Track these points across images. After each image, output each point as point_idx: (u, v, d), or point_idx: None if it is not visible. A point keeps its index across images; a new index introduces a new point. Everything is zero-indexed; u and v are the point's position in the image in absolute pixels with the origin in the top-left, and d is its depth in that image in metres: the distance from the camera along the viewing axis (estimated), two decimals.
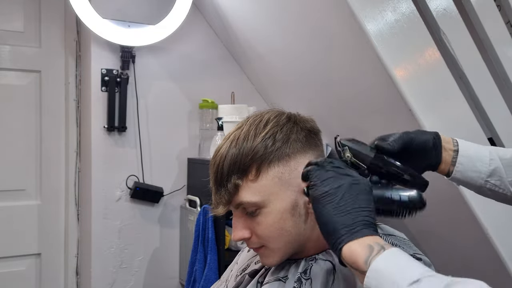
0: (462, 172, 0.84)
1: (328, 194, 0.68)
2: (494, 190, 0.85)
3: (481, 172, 0.84)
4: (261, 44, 2.02)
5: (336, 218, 0.66)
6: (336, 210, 0.66)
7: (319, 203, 0.68)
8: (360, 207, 0.67)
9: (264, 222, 0.79)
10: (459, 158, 0.83)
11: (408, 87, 1.41)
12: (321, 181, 0.69)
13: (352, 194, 0.68)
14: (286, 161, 0.79)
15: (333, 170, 0.70)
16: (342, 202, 0.67)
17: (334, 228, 0.65)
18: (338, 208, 0.67)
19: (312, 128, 0.84)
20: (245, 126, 0.81)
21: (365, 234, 0.64)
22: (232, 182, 0.78)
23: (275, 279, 0.82)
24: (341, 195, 0.67)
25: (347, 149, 0.79)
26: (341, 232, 0.65)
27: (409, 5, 1.43)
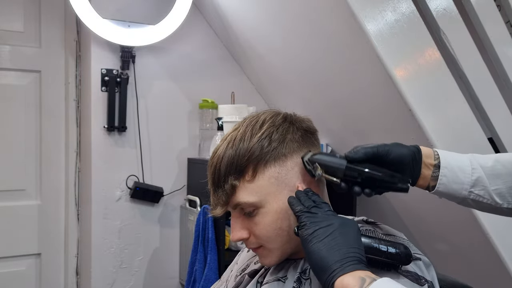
0: (446, 184, 0.81)
1: (319, 232, 0.70)
2: (478, 201, 0.83)
3: (464, 183, 0.82)
4: (261, 44, 2.02)
5: (327, 254, 0.67)
6: (327, 247, 0.68)
7: (310, 241, 0.70)
8: (350, 245, 0.68)
9: (262, 222, 0.79)
10: (442, 171, 0.81)
11: (408, 87, 1.41)
12: (310, 222, 0.71)
13: (342, 233, 0.70)
14: (283, 161, 0.79)
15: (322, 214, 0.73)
16: (333, 240, 0.69)
17: (325, 264, 0.67)
18: (329, 245, 0.68)
19: (309, 128, 0.84)
20: (242, 127, 0.81)
21: (356, 269, 0.65)
22: (229, 183, 0.78)
23: (274, 279, 0.82)
24: (331, 232, 0.69)
25: (317, 166, 0.78)
26: (332, 267, 0.66)
27: (409, 5, 1.43)
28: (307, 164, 0.79)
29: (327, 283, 0.66)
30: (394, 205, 1.90)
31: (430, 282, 0.81)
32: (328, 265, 0.66)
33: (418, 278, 0.80)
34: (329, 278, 0.66)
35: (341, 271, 0.65)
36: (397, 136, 1.59)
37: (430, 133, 1.42)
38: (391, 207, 1.91)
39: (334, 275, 0.65)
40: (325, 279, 0.66)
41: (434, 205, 1.56)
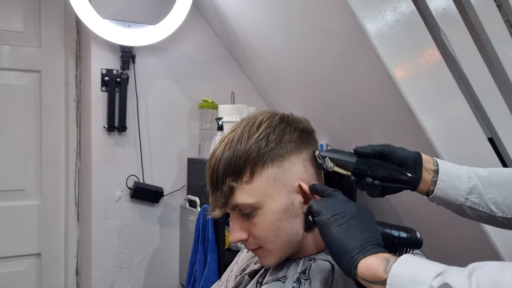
0: (444, 189, 0.83)
1: (337, 218, 0.70)
2: (474, 208, 0.85)
3: (461, 190, 0.84)
4: (261, 44, 2.02)
5: (347, 239, 0.67)
6: (346, 232, 0.68)
7: (329, 226, 0.70)
8: (369, 230, 0.69)
9: (260, 223, 0.79)
10: (440, 176, 0.83)
11: (408, 87, 1.41)
12: (326, 208, 0.72)
13: (359, 219, 0.70)
14: (280, 162, 0.79)
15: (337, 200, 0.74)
16: (351, 225, 0.69)
17: (346, 248, 0.67)
18: (348, 230, 0.68)
19: (306, 128, 0.84)
20: (239, 129, 0.81)
21: (379, 251, 0.66)
22: (227, 185, 0.78)
23: (274, 279, 0.82)
24: (349, 218, 0.70)
25: (328, 159, 0.79)
26: (354, 251, 0.66)
27: (409, 5, 1.43)
28: (318, 158, 0.81)
29: (350, 266, 0.66)
30: (394, 205, 1.90)
31: None
32: (349, 249, 0.66)
33: None
34: (352, 260, 0.66)
35: (363, 253, 0.65)
36: (397, 136, 1.59)
37: (430, 133, 1.42)
38: (391, 207, 1.91)
39: (357, 257, 0.65)
40: (347, 262, 0.66)
41: (434, 205, 1.56)
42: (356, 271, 0.65)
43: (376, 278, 0.63)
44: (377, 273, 0.63)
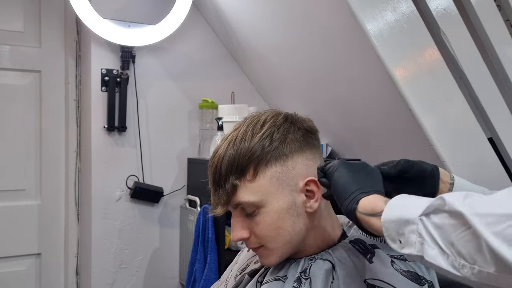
0: None
1: (347, 165, 0.74)
2: None
3: None
4: (261, 44, 2.02)
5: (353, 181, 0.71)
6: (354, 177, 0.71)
7: (338, 170, 0.73)
8: (375, 182, 0.72)
9: (263, 222, 0.79)
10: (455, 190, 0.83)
11: (408, 87, 1.41)
12: (338, 163, 0.75)
13: (368, 171, 0.74)
14: (284, 161, 0.79)
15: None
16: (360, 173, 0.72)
17: (351, 188, 0.70)
18: (355, 176, 0.72)
19: (310, 128, 0.84)
20: (243, 127, 0.81)
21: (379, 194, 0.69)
22: (230, 183, 0.78)
23: (274, 278, 0.82)
24: (358, 169, 0.74)
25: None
26: (358, 191, 0.69)
27: (409, 5, 1.43)
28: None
29: (352, 202, 0.68)
30: None
31: (430, 282, 0.82)
32: (354, 189, 0.70)
33: (418, 278, 0.80)
34: (355, 197, 0.68)
35: (366, 193, 0.68)
36: (397, 136, 1.59)
37: (430, 133, 1.42)
38: None
39: (360, 195, 0.68)
40: (350, 199, 0.69)
41: None
42: (356, 206, 0.67)
43: (375, 210, 0.65)
44: (378, 206, 0.65)
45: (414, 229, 0.58)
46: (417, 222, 0.58)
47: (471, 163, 1.46)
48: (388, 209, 0.63)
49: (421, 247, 0.57)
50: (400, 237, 0.60)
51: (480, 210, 0.53)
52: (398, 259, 0.82)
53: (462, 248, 0.53)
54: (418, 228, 0.58)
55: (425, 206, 0.58)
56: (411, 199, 0.63)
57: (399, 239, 0.60)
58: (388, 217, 0.62)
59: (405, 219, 0.60)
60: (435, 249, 0.56)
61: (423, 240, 0.57)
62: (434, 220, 0.57)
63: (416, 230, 0.58)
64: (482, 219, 0.52)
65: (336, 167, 0.74)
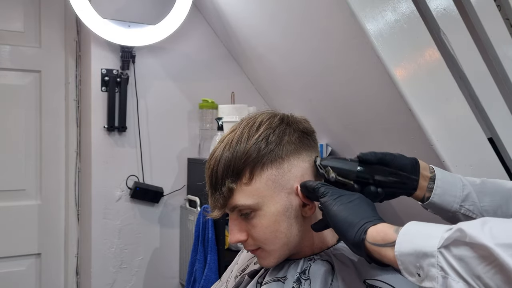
0: (440, 195, 0.83)
1: (343, 198, 0.72)
2: (468, 216, 0.85)
3: (456, 196, 0.84)
4: (261, 44, 2.02)
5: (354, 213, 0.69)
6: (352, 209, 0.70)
7: (335, 204, 0.72)
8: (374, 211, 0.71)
9: (259, 224, 0.79)
10: (437, 182, 0.83)
11: (408, 87, 1.41)
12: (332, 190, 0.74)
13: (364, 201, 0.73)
14: (280, 163, 0.79)
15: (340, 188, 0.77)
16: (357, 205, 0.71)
17: (354, 220, 0.68)
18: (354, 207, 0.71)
19: (306, 129, 0.84)
20: (239, 129, 0.81)
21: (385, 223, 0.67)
22: (226, 186, 0.78)
23: (274, 279, 0.82)
24: (354, 199, 0.72)
25: (330, 169, 0.79)
26: (363, 221, 0.68)
27: (409, 5, 1.43)
28: (319, 168, 0.80)
29: (359, 233, 0.66)
30: (394, 206, 1.90)
31: None
32: (357, 220, 0.68)
33: None
34: (361, 228, 0.66)
35: (373, 222, 0.67)
36: (397, 136, 1.59)
37: (430, 133, 1.42)
38: (392, 207, 1.91)
39: (367, 225, 0.66)
40: (356, 230, 0.67)
41: None
42: (365, 236, 0.65)
43: (386, 240, 0.63)
44: (388, 235, 0.63)
45: (434, 263, 0.56)
46: (436, 255, 0.56)
47: (471, 163, 1.46)
48: (401, 240, 0.61)
49: (443, 281, 0.56)
50: (419, 270, 0.58)
51: (503, 239, 0.52)
52: None
53: (490, 281, 0.52)
54: (438, 261, 0.56)
55: (441, 237, 0.57)
56: (424, 228, 0.61)
57: (417, 272, 0.58)
58: (403, 250, 0.60)
59: (422, 252, 0.57)
60: (460, 283, 0.55)
61: (446, 274, 0.55)
62: (455, 252, 0.55)
63: (436, 264, 0.56)
64: (507, 251, 0.51)
65: (333, 201, 0.72)
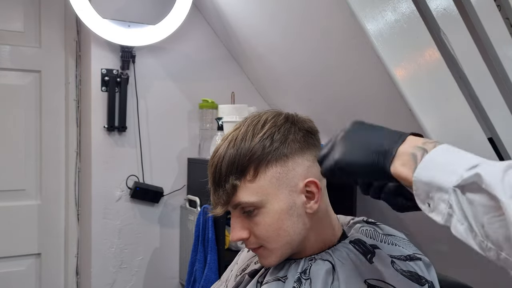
0: None
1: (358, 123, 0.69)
2: None
3: None
4: (261, 44, 2.02)
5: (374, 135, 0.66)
6: (370, 131, 0.67)
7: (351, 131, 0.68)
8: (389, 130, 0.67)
9: (262, 222, 0.79)
10: None
11: (408, 87, 1.41)
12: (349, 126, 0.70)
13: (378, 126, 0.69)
14: (284, 162, 0.79)
15: None
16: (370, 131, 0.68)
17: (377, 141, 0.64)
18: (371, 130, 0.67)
19: (310, 128, 0.84)
20: (243, 127, 0.81)
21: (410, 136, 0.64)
22: (230, 183, 0.78)
23: (274, 279, 0.82)
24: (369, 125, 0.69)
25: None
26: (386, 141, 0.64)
27: (409, 5, 1.43)
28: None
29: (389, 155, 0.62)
30: None
31: (431, 282, 0.81)
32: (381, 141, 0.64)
33: (418, 278, 0.80)
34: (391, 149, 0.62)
35: (397, 142, 0.63)
36: None
37: (430, 133, 1.42)
38: None
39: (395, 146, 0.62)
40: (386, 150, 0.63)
41: None
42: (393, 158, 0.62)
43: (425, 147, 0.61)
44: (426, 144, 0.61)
45: (445, 198, 0.56)
46: (450, 192, 0.55)
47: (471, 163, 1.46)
48: (423, 166, 0.59)
49: (449, 218, 0.56)
50: (429, 200, 0.58)
51: None
52: (399, 259, 0.82)
53: (492, 233, 0.52)
54: (449, 199, 0.55)
55: (460, 176, 0.55)
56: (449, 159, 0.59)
57: (428, 202, 0.58)
58: (420, 177, 0.58)
59: (437, 185, 0.56)
60: (464, 224, 0.54)
61: (453, 212, 0.55)
62: (468, 195, 0.54)
63: (447, 200, 0.56)
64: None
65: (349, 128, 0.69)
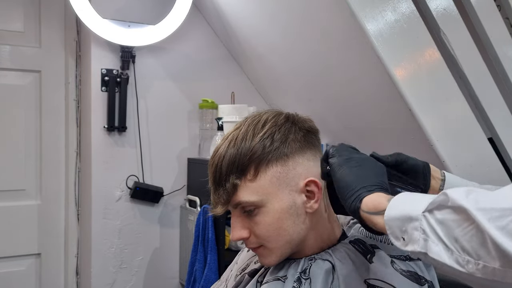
0: None
1: (350, 160, 0.72)
2: None
3: None
4: (261, 44, 2.02)
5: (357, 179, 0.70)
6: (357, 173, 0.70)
7: (342, 166, 0.72)
8: (378, 176, 0.71)
9: (263, 221, 0.79)
10: (446, 186, 0.83)
11: (408, 87, 1.41)
12: (341, 152, 0.74)
13: (371, 165, 0.72)
14: (284, 161, 0.79)
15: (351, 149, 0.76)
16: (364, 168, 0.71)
17: (355, 187, 0.69)
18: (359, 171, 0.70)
19: (310, 128, 0.84)
20: (244, 126, 0.81)
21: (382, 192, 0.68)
22: (230, 182, 0.78)
23: (274, 278, 0.82)
24: (362, 162, 0.72)
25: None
26: (362, 190, 0.68)
27: (409, 5, 1.43)
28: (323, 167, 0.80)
29: (355, 201, 0.67)
30: None
31: (430, 282, 0.82)
32: (357, 188, 0.68)
33: (418, 278, 0.80)
34: (358, 196, 0.67)
35: (370, 192, 0.67)
36: (397, 136, 1.59)
37: (430, 133, 1.42)
38: None
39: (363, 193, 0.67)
40: (354, 198, 0.68)
41: None
42: (360, 205, 0.66)
43: (378, 208, 0.64)
44: (381, 204, 0.64)
45: (417, 226, 0.57)
46: (420, 218, 0.57)
47: (471, 163, 1.46)
48: (391, 206, 0.62)
49: (424, 243, 0.56)
50: (404, 234, 0.59)
51: (484, 204, 0.52)
52: (398, 259, 0.82)
53: (467, 244, 0.53)
54: (421, 225, 0.57)
55: (428, 203, 0.57)
56: (414, 196, 0.62)
57: (402, 236, 0.60)
58: (391, 215, 0.61)
59: (408, 216, 0.59)
60: (439, 245, 0.55)
61: (427, 237, 0.56)
62: (438, 216, 0.56)
63: (419, 227, 0.57)
64: (486, 214, 0.51)
65: (341, 163, 0.73)
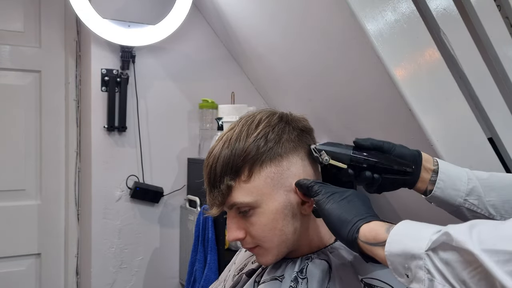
0: (443, 189, 0.83)
1: (335, 196, 0.72)
2: (473, 210, 0.84)
3: (460, 190, 0.83)
4: (261, 44, 2.02)
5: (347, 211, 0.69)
6: (345, 206, 0.70)
7: (327, 202, 0.71)
8: (368, 207, 0.71)
9: (258, 222, 0.79)
10: (440, 175, 0.83)
11: (408, 87, 1.41)
12: (326, 188, 0.74)
13: (358, 197, 0.72)
14: (279, 161, 0.79)
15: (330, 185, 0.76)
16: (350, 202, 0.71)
17: (347, 218, 0.68)
18: (347, 204, 0.70)
19: (305, 127, 0.84)
20: (237, 127, 0.81)
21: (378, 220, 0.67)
22: (225, 183, 0.78)
23: (271, 278, 0.82)
24: (347, 196, 0.72)
25: (324, 152, 0.79)
26: (355, 219, 0.68)
27: (409, 5, 1.43)
28: (314, 151, 0.80)
29: (352, 231, 0.66)
30: (394, 205, 1.90)
31: None
32: (350, 218, 0.68)
33: None
34: (354, 226, 0.67)
35: (365, 220, 0.67)
36: (397, 136, 1.59)
37: (430, 133, 1.42)
38: (392, 208, 1.91)
39: (359, 223, 0.66)
40: (349, 228, 0.67)
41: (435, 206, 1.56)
42: (358, 235, 0.66)
43: (378, 239, 0.63)
44: (379, 235, 0.63)
45: (421, 265, 0.57)
46: (424, 257, 0.57)
47: (471, 163, 1.46)
48: (391, 240, 0.61)
49: (430, 283, 0.56)
50: (407, 271, 0.59)
51: (489, 245, 0.52)
52: None
53: (475, 287, 0.53)
54: (425, 264, 0.57)
55: (429, 239, 0.57)
56: (414, 229, 0.61)
57: (406, 273, 0.59)
58: (393, 251, 0.61)
59: (410, 253, 0.58)
60: (446, 287, 0.55)
61: (432, 277, 0.56)
62: (442, 256, 0.56)
63: (423, 266, 0.57)
64: (492, 256, 0.51)
65: (326, 200, 0.72)
